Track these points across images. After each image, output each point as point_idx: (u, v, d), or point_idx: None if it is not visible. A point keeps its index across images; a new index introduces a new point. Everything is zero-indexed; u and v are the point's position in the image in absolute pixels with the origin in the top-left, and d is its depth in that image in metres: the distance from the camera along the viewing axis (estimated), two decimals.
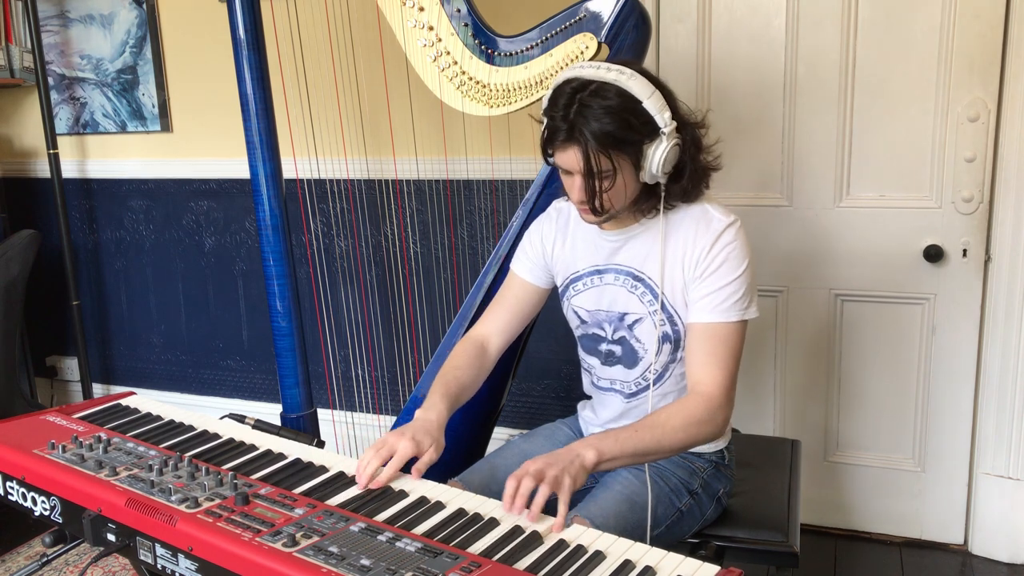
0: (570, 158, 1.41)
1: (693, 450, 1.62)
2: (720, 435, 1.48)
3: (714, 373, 1.45)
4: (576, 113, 1.37)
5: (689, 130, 1.46)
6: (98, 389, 3.42)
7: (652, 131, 1.40)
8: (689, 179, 1.47)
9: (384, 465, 1.32)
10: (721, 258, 1.47)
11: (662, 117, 1.39)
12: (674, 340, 1.56)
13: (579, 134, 1.38)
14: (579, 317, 1.66)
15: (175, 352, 3.28)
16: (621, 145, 1.39)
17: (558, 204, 1.70)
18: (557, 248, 1.66)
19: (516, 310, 1.71)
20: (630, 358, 1.61)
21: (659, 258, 1.52)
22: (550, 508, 1.23)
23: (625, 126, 1.37)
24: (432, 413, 1.46)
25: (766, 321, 2.51)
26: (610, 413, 1.67)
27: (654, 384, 1.60)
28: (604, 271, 1.59)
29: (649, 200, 1.51)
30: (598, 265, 1.60)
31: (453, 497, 1.26)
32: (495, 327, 1.70)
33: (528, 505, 1.20)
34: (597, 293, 1.61)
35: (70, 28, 3.09)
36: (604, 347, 1.64)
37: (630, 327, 1.59)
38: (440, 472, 1.40)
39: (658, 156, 1.40)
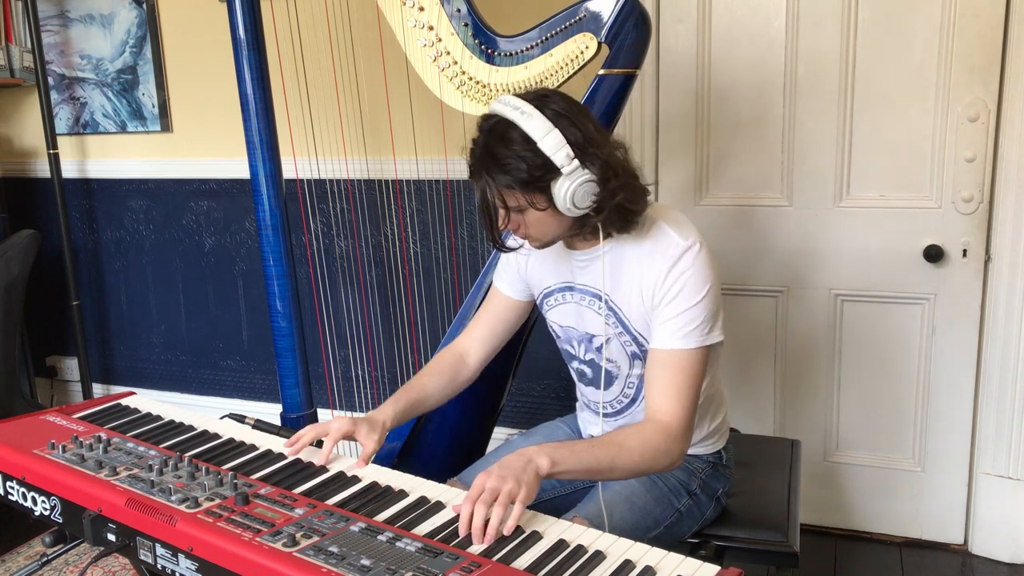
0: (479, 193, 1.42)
1: (691, 451, 1.62)
2: (675, 467, 1.45)
3: (673, 404, 1.42)
4: (482, 153, 1.38)
5: (598, 169, 1.37)
6: (98, 389, 3.42)
7: (554, 169, 1.35)
8: (613, 214, 1.42)
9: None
10: (679, 285, 1.43)
11: (559, 156, 1.34)
12: (643, 357, 1.54)
13: (477, 174, 1.39)
14: (555, 332, 1.68)
15: (175, 352, 3.28)
16: (520, 185, 1.36)
17: None
18: (532, 262, 1.65)
19: (496, 323, 1.71)
20: (600, 380, 1.61)
21: (620, 281, 1.50)
22: (543, 507, 1.22)
23: (515, 168, 1.35)
24: (380, 414, 1.51)
25: (766, 321, 2.51)
26: (603, 429, 1.67)
27: (635, 401, 1.60)
28: (573, 289, 1.59)
29: (587, 226, 1.46)
30: (568, 282, 1.59)
31: (453, 497, 1.26)
32: (475, 338, 1.71)
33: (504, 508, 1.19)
34: (567, 310, 1.61)
35: (70, 28, 3.09)
36: (576, 365, 1.66)
37: (598, 350, 1.58)
38: (440, 472, 1.40)
39: (562, 194, 1.36)
